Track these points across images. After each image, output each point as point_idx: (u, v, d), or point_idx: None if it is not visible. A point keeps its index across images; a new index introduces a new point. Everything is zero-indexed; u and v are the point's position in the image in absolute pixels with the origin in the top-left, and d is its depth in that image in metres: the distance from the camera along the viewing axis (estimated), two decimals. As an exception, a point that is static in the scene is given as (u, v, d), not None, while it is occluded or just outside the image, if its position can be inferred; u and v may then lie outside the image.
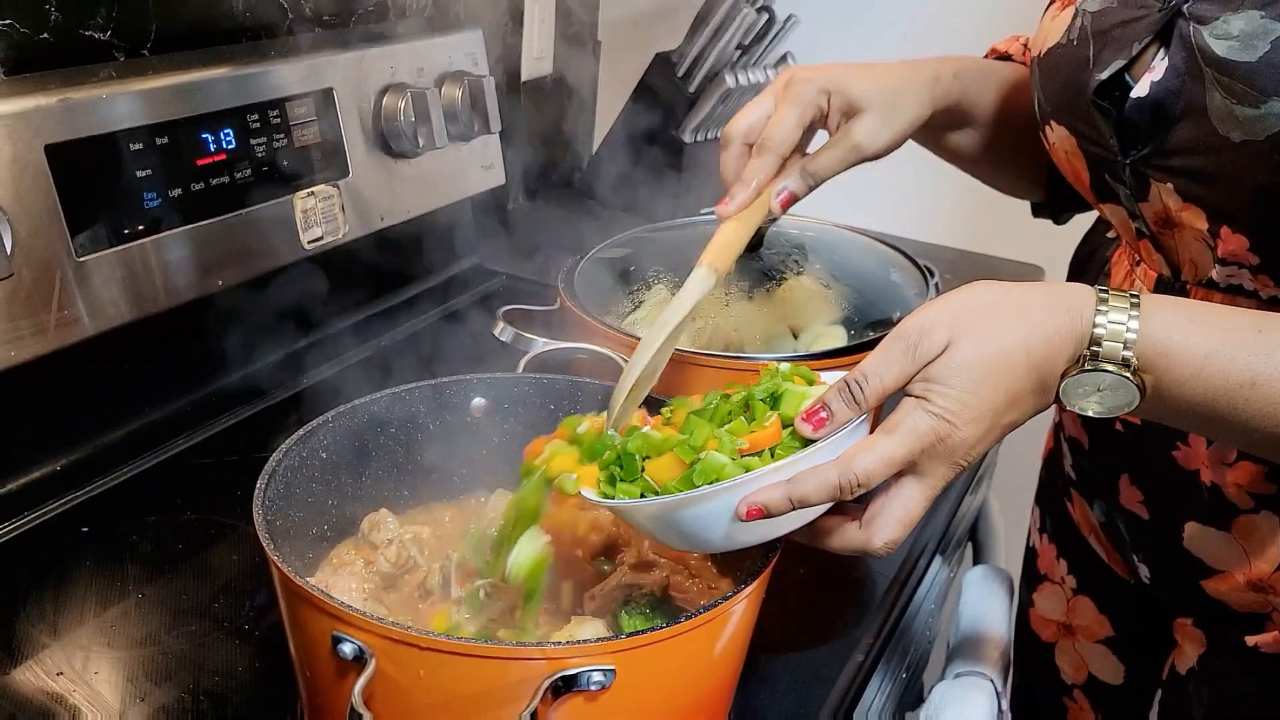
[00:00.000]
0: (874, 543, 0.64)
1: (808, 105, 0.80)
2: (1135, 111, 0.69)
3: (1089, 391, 0.60)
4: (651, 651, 0.62)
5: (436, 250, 1.37)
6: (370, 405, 0.82)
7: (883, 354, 0.63)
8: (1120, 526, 0.82)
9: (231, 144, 1.04)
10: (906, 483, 0.63)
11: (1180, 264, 0.73)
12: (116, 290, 0.96)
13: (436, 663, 0.59)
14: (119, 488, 0.98)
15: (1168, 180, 0.69)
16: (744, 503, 0.62)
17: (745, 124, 0.82)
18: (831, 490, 0.61)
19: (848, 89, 0.80)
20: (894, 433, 0.61)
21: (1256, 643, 0.75)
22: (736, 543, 0.66)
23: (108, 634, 0.81)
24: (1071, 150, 0.78)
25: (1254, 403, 0.58)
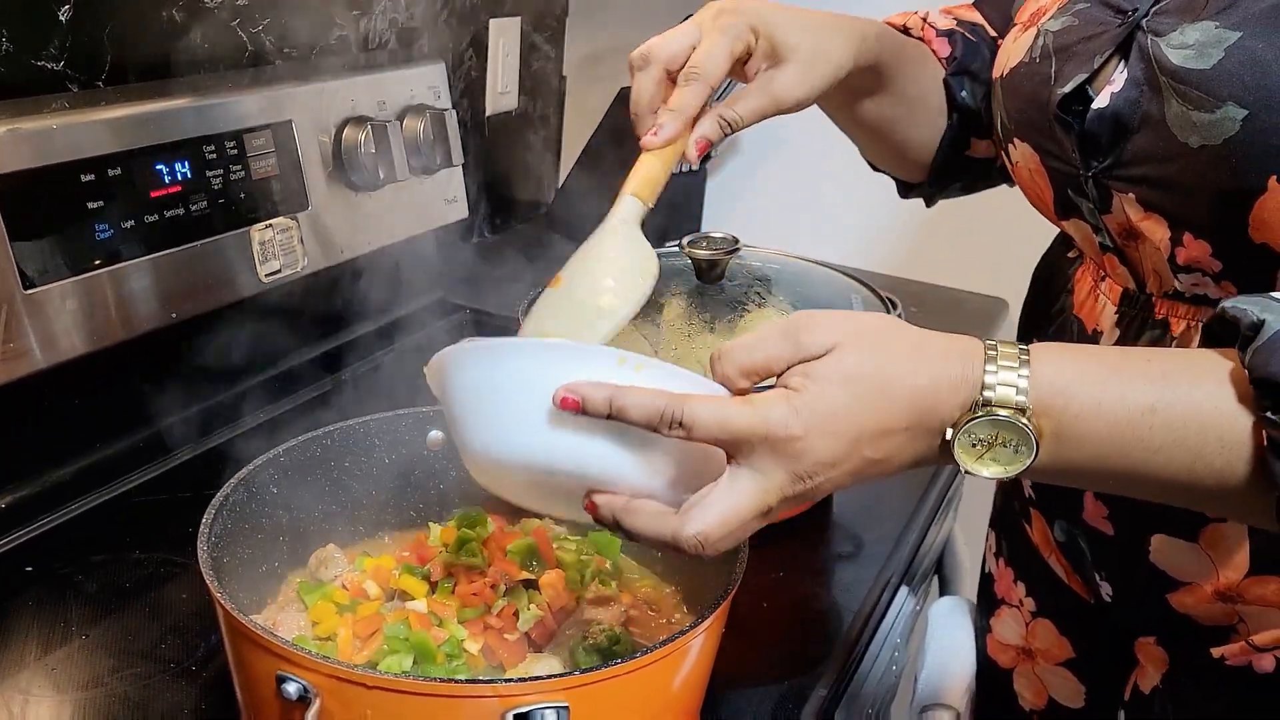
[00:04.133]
0: (685, 530, 0.57)
1: (737, 38, 0.76)
2: (1095, 123, 0.70)
3: (981, 448, 0.57)
4: (607, 687, 0.60)
5: (398, 284, 1.36)
6: (323, 439, 0.81)
7: (758, 335, 0.59)
8: (1082, 544, 0.81)
9: (187, 175, 1.03)
10: (740, 473, 0.57)
11: (1145, 276, 0.74)
12: (68, 323, 0.94)
13: (384, 701, 0.58)
14: (65, 525, 0.96)
15: (1129, 190, 0.70)
16: (563, 388, 0.57)
17: (669, 49, 0.76)
18: (651, 414, 0.56)
19: (776, 33, 0.77)
20: (745, 404, 0.57)
21: (1222, 654, 0.74)
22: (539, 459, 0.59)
23: (50, 677, 0.78)
24: (1035, 168, 0.78)
25: (1157, 431, 0.56)
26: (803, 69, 0.77)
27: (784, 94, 0.77)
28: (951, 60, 0.92)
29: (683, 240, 1.03)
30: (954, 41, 0.92)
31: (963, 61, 0.91)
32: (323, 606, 0.74)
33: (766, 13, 0.77)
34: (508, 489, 0.67)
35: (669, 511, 0.59)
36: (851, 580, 0.97)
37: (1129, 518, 0.77)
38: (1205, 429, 0.55)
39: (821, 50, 0.78)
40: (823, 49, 0.78)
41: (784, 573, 0.95)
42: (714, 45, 0.75)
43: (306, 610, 0.74)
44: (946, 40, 0.92)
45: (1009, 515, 0.95)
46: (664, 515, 0.59)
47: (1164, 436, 0.56)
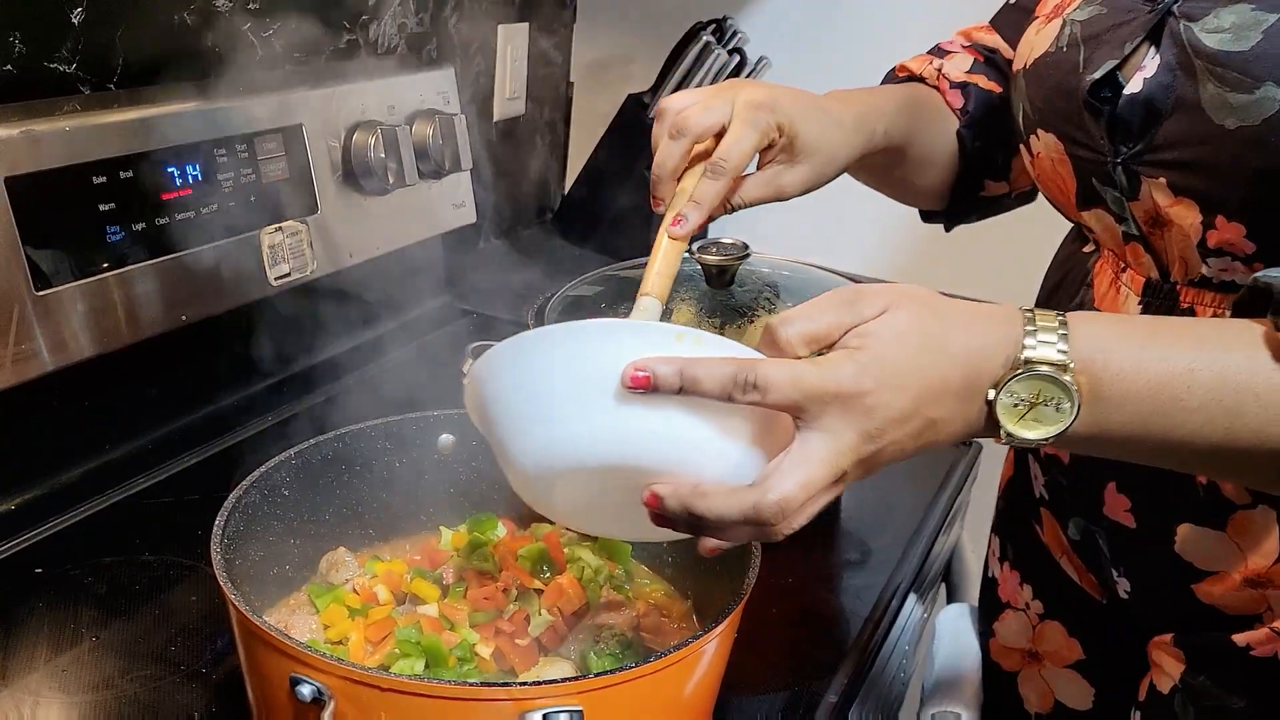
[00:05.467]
0: (766, 499, 0.56)
1: (764, 135, 0.78)
2: (1127, 108, 0.71)
3: (1023, 408, 0.57)
4: (620, 691, 0.60)
5: (406, 288, 1.36)
6: (334, 442, 0.81)
7: (814, 304, 0.59)
8: (1100, 541, 0.81)
9: (198, 178, 1.03)
10: (811, 437, 0.56)
11: (1170, 264, 0.74)
12: (77, 325, 0.94)
13: (398, 704, 0.58)
14: (75, 528, 0.95)
15: (1160, 175, 0.70)
16: (632, 364, 0.55)
17: (702, 125, 0.78)
18: (725, 381, 0.55)
19: (800, 133, 0.79)
20: (815, 363, 0.56)
21: (1248, 641, 0.74)
22: (597, 454, 0.57)
23: (60, 679, 0.78)
24: (1058, 158, 0.79)
25: (1195, 390, 0.57)
26: (812, 170, 0.81)
27: (789, 189, 0.81)
28: (964, 113, 0.95)
29: (693, 246, 1.03)
30: (967, 94, 0.95)
31: (975, 113, 0.94)
32: (334, 610, 0.74)
33: (795, 111, 0.79)
34: (559, 502, 0.63)
35: (741, 487, 0.57)
36: (861, 587, 0.97)
37: (1153, 509, 0.77)
38: (1242, 389, 0.57)
39: (834, 155, 0.82)
40: (836, 154, 0.82)
41: (793, 579, 0.95)
42: (741, 139, 0.77)
43: (318, 613, 0.74)
44: (960, 93, 0.95)
45: (1014, 518, 0.95)
46: (738, 492, 0.57)
47: (1202, 396, 0.57)
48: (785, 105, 0.79)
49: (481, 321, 1.43)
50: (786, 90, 0.81)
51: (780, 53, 1.64)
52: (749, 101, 0.78)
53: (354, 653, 0.70)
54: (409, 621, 0.72)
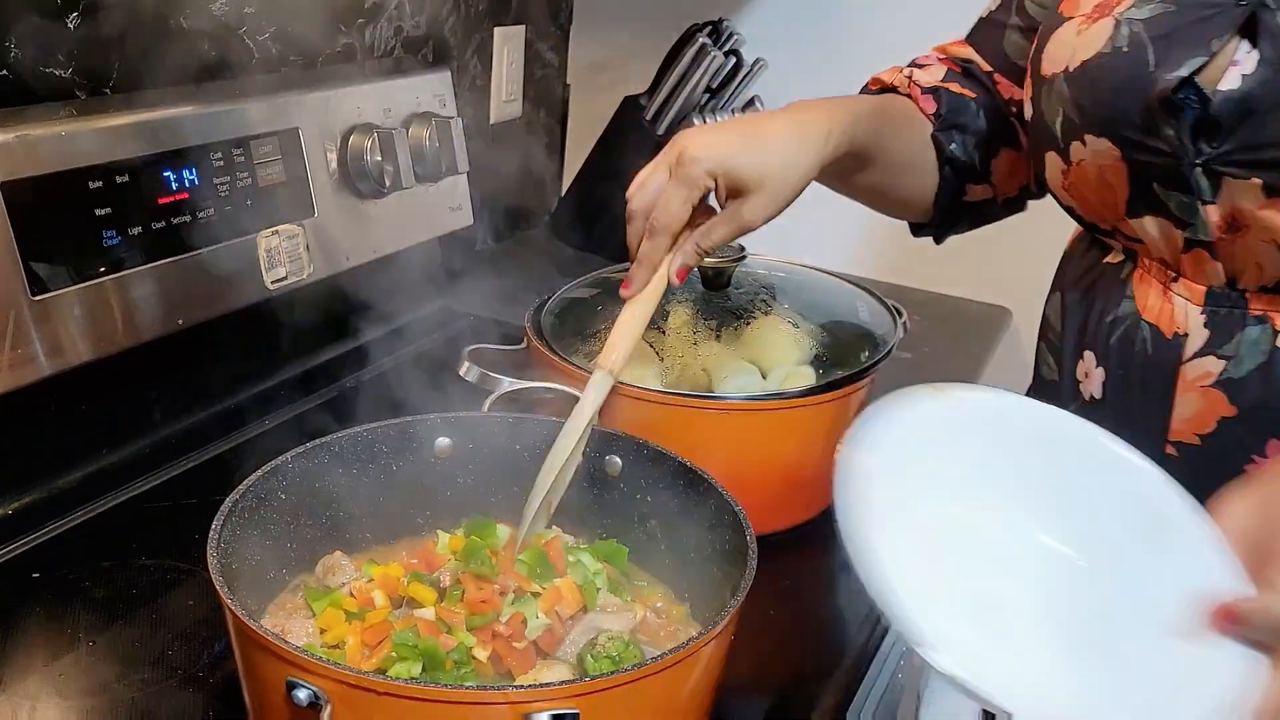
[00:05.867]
0: None
1: (695, 186, 0.82)
2: (1222, 107, 0.69)
3: None
4: (617, 694, 0.60)
5: (403, 291, 1.36)
6: (331, 445, 0.81)
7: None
8: None
9: (194, 183, 1.03)
10: None
11: (1240, 270, 0.72)
12: (74, 329, 0.94)
13: (395, 708, 0.58)
14: (72, 532, 0.95)
15: (1252, 175, 0.68)
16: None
17: (644, 201, 0.84)
18: None
19: (734, 172, 0.81)
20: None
21: None
22: None
23: (56, 684, 0.78)
24: (1109, 164, 0.77)
25: None
26: (766, 197, 0.82)
27: (751, 220, 0.83)
28: (937, 116, 0.94)
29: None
30: (939, 98, 0.94)
31: (948, 117, 0.94)
32: (331, 614, 0.74)
33: (725, 155, 0.81)
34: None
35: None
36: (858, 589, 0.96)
37: None
38: None
39: (783, 176, 0.82)
40: (784, 175, 0.82)
41: (791, 581, 0.95)
42: (671, 199, 0.82)
43: (314, 617, 0.74)
44: (932, 97, 0.95)
45: None
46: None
47: None
48: (711, 151, 0.81)
49: (478, 324, 1.43)
50: (718, 133, 0.83)
51: (777, 54, 1.64)
52: (678, 159, 0.82)
53: (350, 656, 0.70)
54: (406, 625, 0.71)
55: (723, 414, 0.93)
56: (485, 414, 0.88)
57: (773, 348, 1.08)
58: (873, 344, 1.05)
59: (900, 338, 1.03)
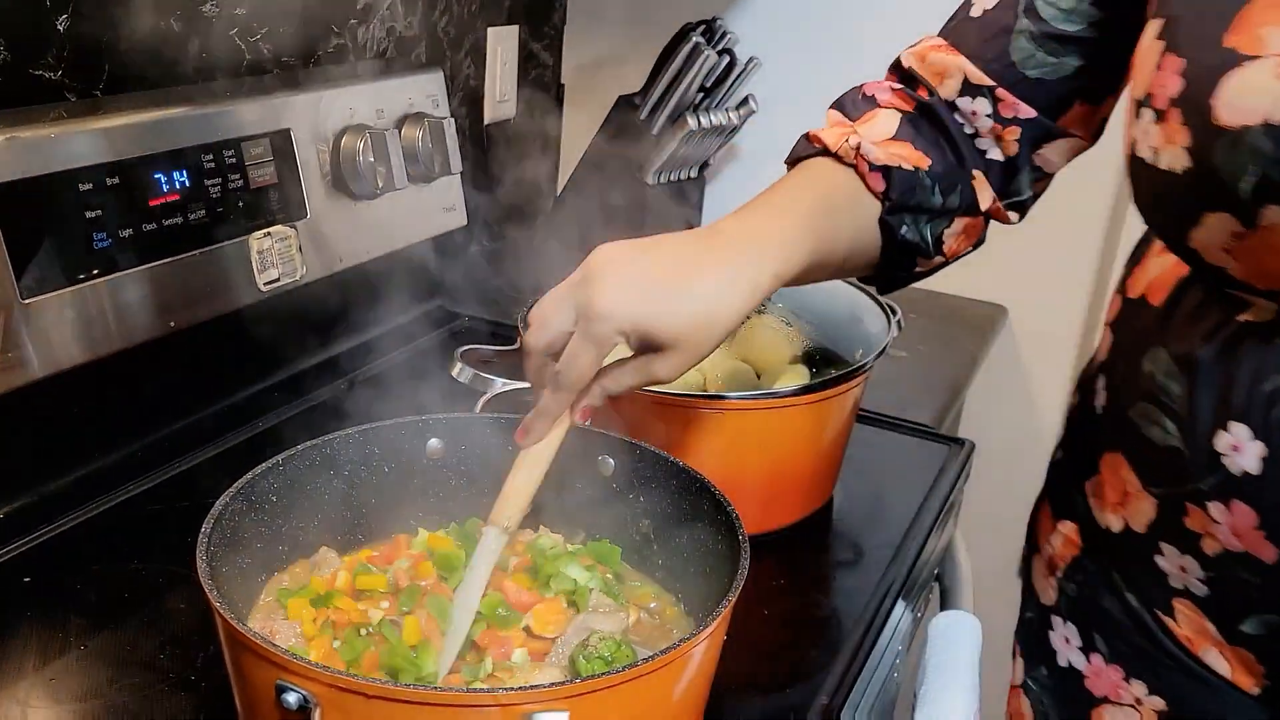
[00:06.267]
0: None
1: (603, 344, 0.75)
2: None
3: None
4: (608, 695, 0.60)
5: (397, 292, 1.36)
6: (321, 447, 0.81)
7: None
8: None
9: (185, 184, 1.03)
10: None
11: None
12: (66, 332, 0.94)
13: (384, 711, 0.57)
14: (64, 536, 0.95)
15: None
16: None
17: (544, 340, 0.77)
18: None
19: (647, 332, 0.74)
20: None
21: None
22: None
23: (49, 688, 0.78)
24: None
25: None
26: (681, 356, 0.75)
27: (664, 376, 0.76)
28: (887, 199, 0.83)
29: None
30: (889, 178, 0.83)
31: (900, 199, 0.83)
32: (297, 604, 0.74)
33: (637, 316, 0.74)
34: None
35: None
36: (852, 588, 0.97)
37: None
38: None
39: (701, 336, 0.75)
40: (703, 334, 0.75)
41: (784, 580, 0.95)
42: (578, 357, 0.75)
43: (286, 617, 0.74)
44: (881, 176, 0.83)
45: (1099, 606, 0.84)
46: None
47: None
48: (621, 310, 0.73)
49: (472, 325, 1.43)
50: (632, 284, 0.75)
51: (770, 53, 1.64)
52: (584, 312, 0.75)
53: (309, 636, 0.72)
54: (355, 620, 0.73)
55: (716, 414, 0.93)
56: (478, 415, 0.88)
57: (766, 347, 1.08)
58: (867, 342, 1.05)
59: (894, 336, 1.03)
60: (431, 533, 0.83)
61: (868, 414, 1.22)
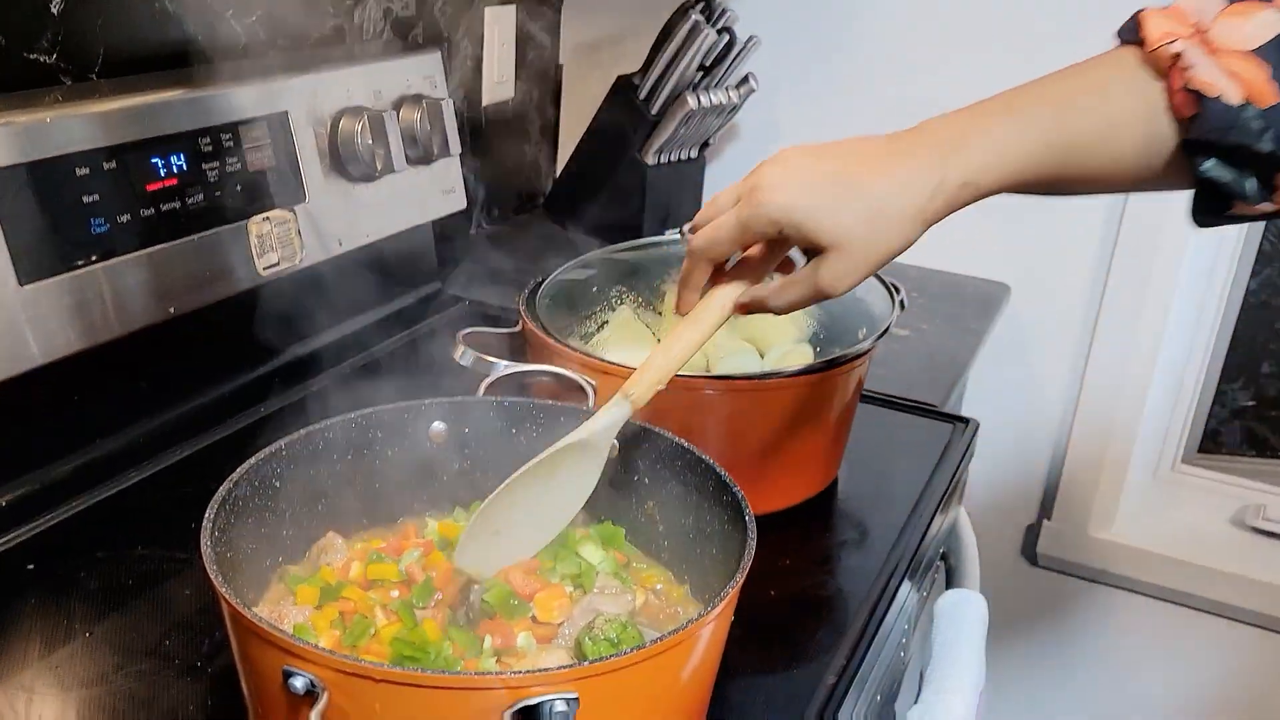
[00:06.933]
0: None
1: (748, 230, 0.71)
2: None
3: None
4: (616, 678, 0.60)
5: (397, 276, 1.35)
6: (325, 432, 0.80)
7: None
8: None
9: (183, 168, 1.02)
10: None
11: None
12: (64, 318, 0.93)
13: (392, 695, 0.57)
14: (67, 523, 0.95)
15: None
16: None
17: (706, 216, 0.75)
18: None
19: (803, 228, 0.69)
20: None
21: None
22: None
23: (54, 674, 0.78)
24: None
25: None
26: (849, 259, 0.69)
27: (829, 287, 0.71)
28: (1188, 128, 0.66)
29: (683, 227, 1.03)
30: (1202, 107, 0.65)
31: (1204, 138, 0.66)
32: (307, 591, 0.73)
33: (795, 206, 0.69)
34: None
35: None
36: (858, 567, 0.96)
37: None
38: None
39: (866, 238, 0.69)
40: (875, 228, 0.69)
41: (790, 561, 0.95)
42: (721, 228, 0.72)
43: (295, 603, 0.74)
44: (1194, 101, 0.65)
45: None
46: None
47: None
48: (780, 197, 0.69)
49: (473, 308, 1.42)
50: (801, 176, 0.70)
51: (770, 31, 1.63)
52: (746, 196, 0.72)
53: (319, 629, 0.71)
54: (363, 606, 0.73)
55: (720, 394, 0.92)
56: (480, 398, 0.87)
57: (770, 327, 1.08)
58: (870, 321, 1.04)
59: (898, 315, 1.02)
60: (441, 520, 0.83)
61: (872, 393, 1.21)
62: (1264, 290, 1.67)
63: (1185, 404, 1.71)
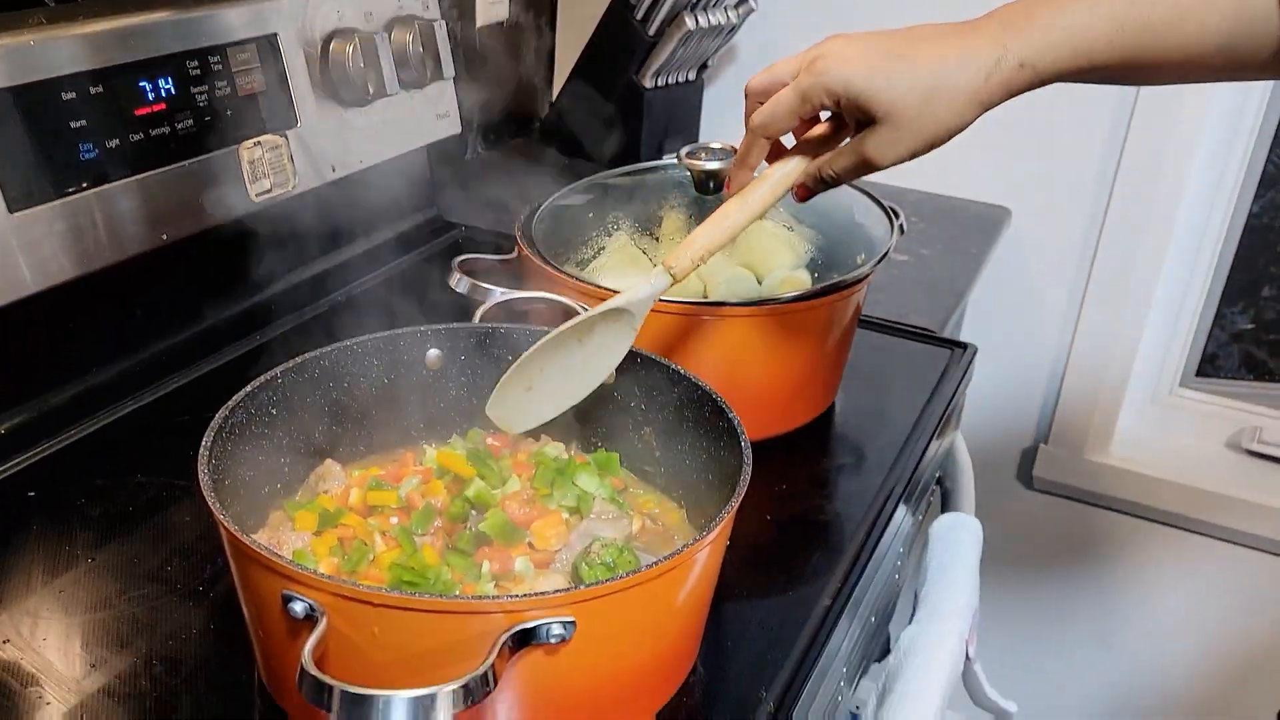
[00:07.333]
0: None
1: (808, 100, 0.71)
2: None
3: None
4: (612, 602, 0.60)
5: (392, 202, 1.34)
6: (320, 359, 0.80)
7: None
8: None
9: (171, 92, 1.00)
10: None
11: None
12: (57, 245, 0.92)
13: (390, 619, 0.58)
14: (65, 451, 0.95)
15: None
16: None
17: (763, 83, 0.75)
18: None
19: (858, 97, 0.69)
20: None
21: None
22: None
23: (59, 599, 0.79)
24: None
25: None
26: (899, 131, 0.70)
27: (875, 157, 0.72)
28: None
29: (680, 152, 1.01)
30: None
31: None
32: (306, 517, 0.74)
33: (852, 75, 0.69)
34: None
35: None
36: (854, 491, 0.97)
37: None
38: None
39: (921, 113, 0.68)
40: (923, 112, 0.68)
41: (787, 485, 0.96)
42: (780, 103, 0.73)
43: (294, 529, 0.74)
44: None
45: None
46: None
47: None
48: (839, 68, 0.69)
49: (469, 234, 1.41)
50: (860, 46, 0.70)
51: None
52: (809, 59, 0.72)
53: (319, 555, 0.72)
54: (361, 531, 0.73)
55: (717, 320, 0.92)
56: (476, 325, 0.87)
57: (768, 252, 1.07)
58: (869, 246, 1.03)
59: (897, 240, 1.01)
60: (439, 449, 0.83)
61: (870, 319, 1.21)
62: (1267, 213, 1.65)
63: (1184, 328, 1.71)
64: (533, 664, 0.60)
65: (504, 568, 0.72)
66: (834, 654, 0.81)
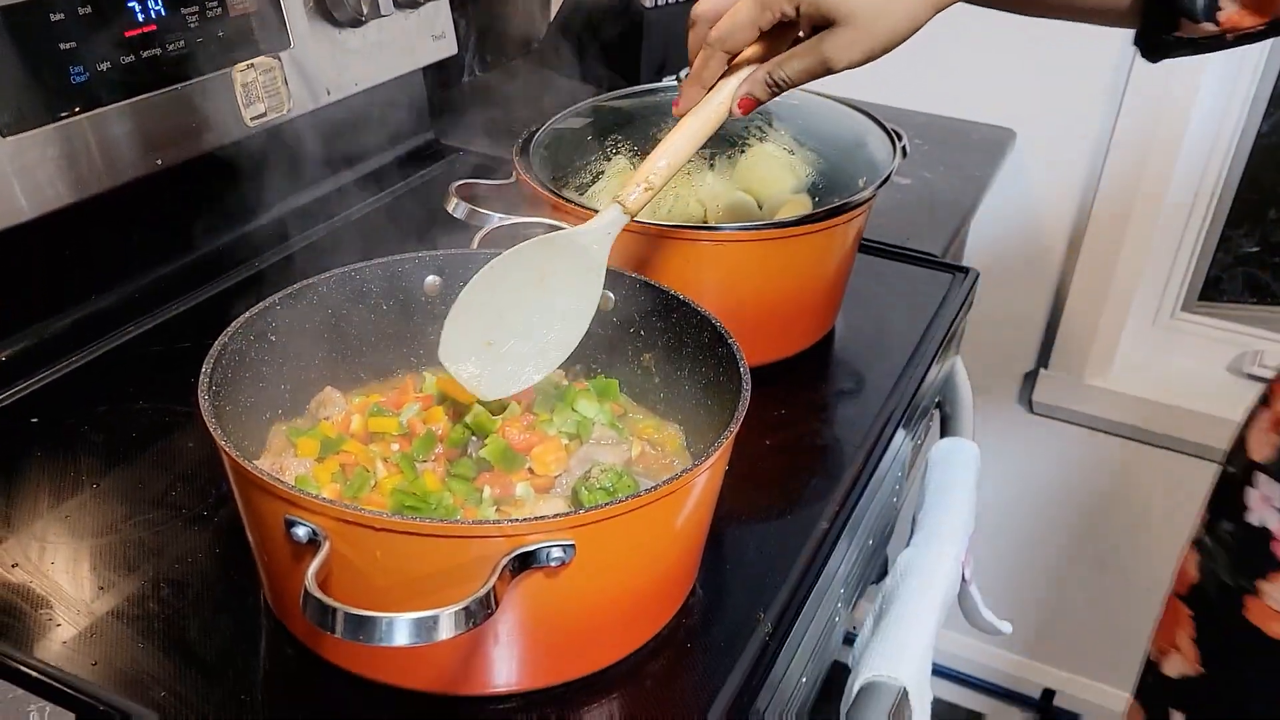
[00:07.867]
0: None
1: (769, 8, 0.71)
2: None
3: None
4: (611, 525, 0.61)
5: (388, 126, 1.32)
6: (319, 286, 0.80)
7: None
8: None
9: (161, 13, 0.98)
10: None
11: None
12: (51, 171, 0.91)
13: (391, 543, 0.58)
14: (67, 377, 0.95)
15: None
16: None
17: (712, 6, 0.75)
18: None
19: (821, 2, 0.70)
20: None
21: None
22: None
23: (65, 524, 0.80)
24: None
25: None
26: (854, 34, 0.70)
27: (832, 58, 0.71)
28: None
29: (680, 74, 1.00)
30: None
31: None
32: (308, 444, 0.74)
33: None
34: None
35: None
36: (853, 416, 0.97)
37: None
38: None
39: (879, 12, 0.70)
40: (881, 11, 0.70)
41: (786, 410, 0.96)
42: (739, 13, 0.72)
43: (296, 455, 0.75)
44: None
45: None
46: None
47: None
48: None
49: (467, 158, 1.40)
50: None
51: None
52: None
53: (320, 480, 0.72)
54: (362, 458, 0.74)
55: (717, 245, 0.91)
56: (474, 250, 0.86)
57: (768, 177, 1.06)
58: (871, 169, 1.02)
59: (899, 163, 1.00)
60: (439, 375, 0.83)
61: (871, 243, 1.20)
62: (1276, 132, 1.63)
63: (1188, 250, 1.70)
64: (533, 587, 0.60)
65: (505, 493, 0.73)
66: (831, 576, 0.82)
